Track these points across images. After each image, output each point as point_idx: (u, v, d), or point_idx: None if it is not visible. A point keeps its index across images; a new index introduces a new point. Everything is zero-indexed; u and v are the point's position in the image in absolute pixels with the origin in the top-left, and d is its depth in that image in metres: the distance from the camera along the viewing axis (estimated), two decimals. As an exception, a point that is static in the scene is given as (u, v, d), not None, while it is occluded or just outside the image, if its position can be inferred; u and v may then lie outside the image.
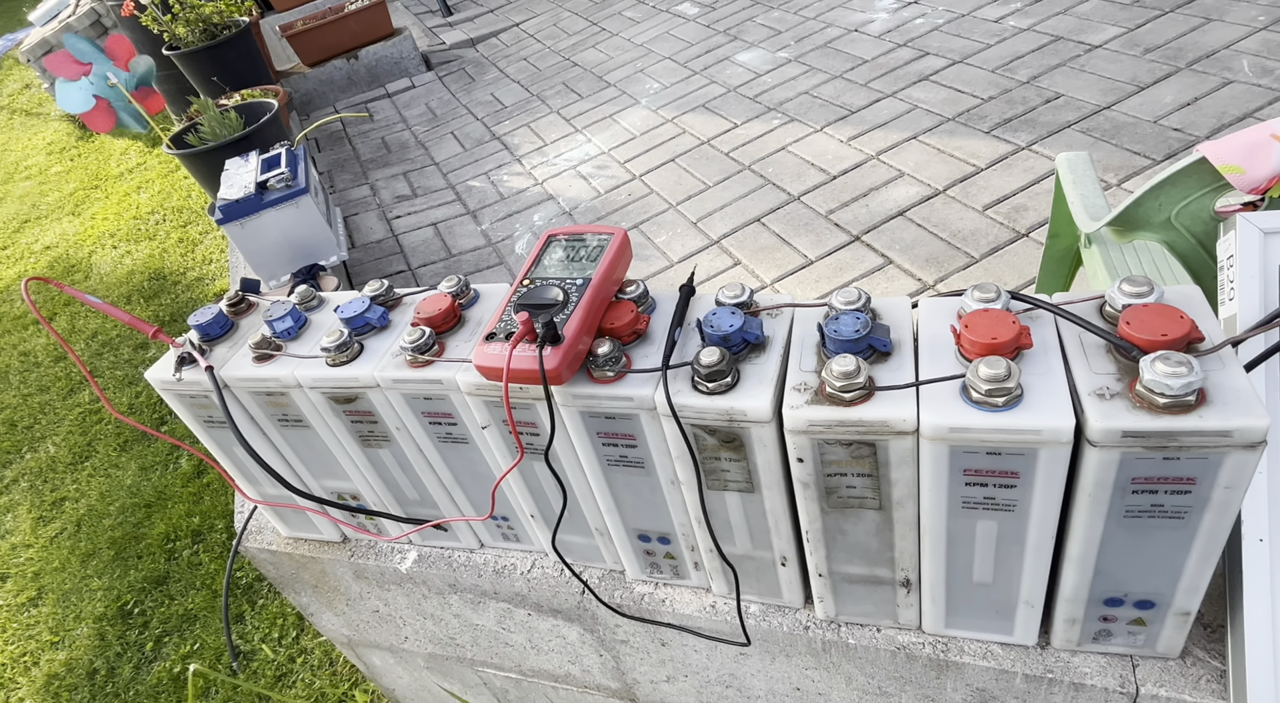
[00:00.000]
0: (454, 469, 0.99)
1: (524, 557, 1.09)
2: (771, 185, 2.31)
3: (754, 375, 0.74)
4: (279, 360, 0.94)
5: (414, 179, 3.21)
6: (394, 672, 1.51)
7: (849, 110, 2.57)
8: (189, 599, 2.49)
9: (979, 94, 2.42)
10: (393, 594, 1.22)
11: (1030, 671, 0.81)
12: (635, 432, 0.80)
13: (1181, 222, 0.82)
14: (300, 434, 1.01)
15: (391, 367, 0.88)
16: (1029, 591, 0.76)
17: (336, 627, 1.41)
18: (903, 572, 0.80)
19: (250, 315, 1.06)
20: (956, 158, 2.15)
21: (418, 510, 1.08)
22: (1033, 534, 0.70)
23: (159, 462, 2.99)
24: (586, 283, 0.79)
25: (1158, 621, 0.74)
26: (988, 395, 0.62)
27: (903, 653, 0.87)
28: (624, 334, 0.80)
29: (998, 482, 0.67)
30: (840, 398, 0.68)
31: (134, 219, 4.56)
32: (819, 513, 0.77)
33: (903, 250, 1.88)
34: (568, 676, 1.24)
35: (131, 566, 2.64)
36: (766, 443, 0.74)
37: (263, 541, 1.25)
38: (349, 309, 0.94)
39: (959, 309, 0.73)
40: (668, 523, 0.90)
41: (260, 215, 1.91)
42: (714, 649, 1.01)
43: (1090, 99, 2.21)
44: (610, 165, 2.80)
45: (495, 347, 0.75)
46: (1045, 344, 0.68)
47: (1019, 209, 1.90)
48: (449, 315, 0.91)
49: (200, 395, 0.99)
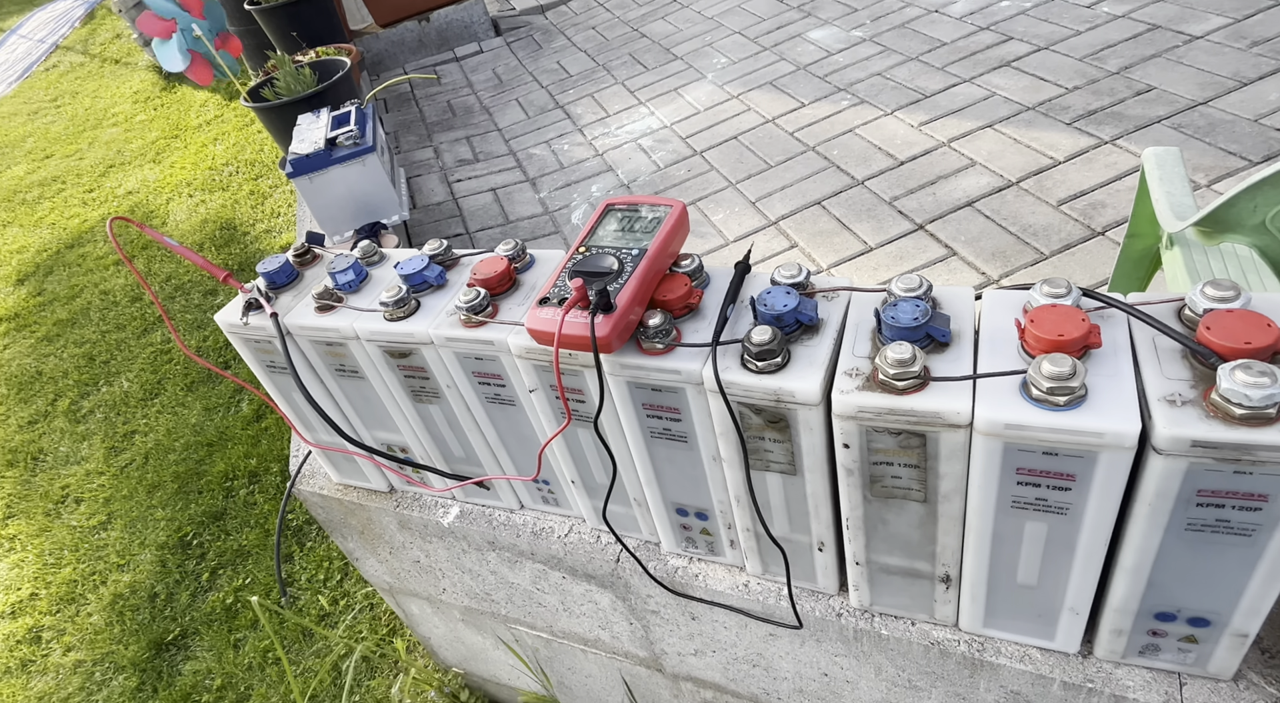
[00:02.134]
0: (500, 430, 1.00)
1: (561, 521, 1.11)
2: (835, 168, 2.26)
3: (805, 357, 0.73)
4: (339, 312, 0.97)
5: (477, 144, 3.24)
6: (431, 621, 1.56)
7: (923, 94, 2.49)
8: (243, 536, 2.62)
9: (1063, 83, 2.30)
10: (434, 546, 1.26)
11: (1069, 678, 0.79)
12: (680, 406, 0.80)
13: (1277, 225, 0.77)
14: (356, 385, 1.04)
15: (446, 325, 0.90)
16: (1075, 597, 0.74)
17: (379, 573, 1.46)
18: (943, 567, 0.79)
19: (315, 267, 1.10)
20: (1033, 149, 2.06)
21: (463, 468, 1.10)
22: (1084, 540, 0.68)
23: (222, 404, 3.12)
24: (642, 254, 0.79)
25: (1211, 640, 0.71)
26: (1049, 393, 0.60)
27: (936, 649, 0.86)
28: (676, 307, 0.80)
29: (1052, 483, 0.65)
30: (893, 385, 0.66)
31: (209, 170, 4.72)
32: (861, 501, 0.76)
33: (968, 242, 1.82)
34: (597, 640, 1.26)
35: (192, 500, 2.78)
36: (813, 426, 0.73)
37: (315, 484, 1.30)
38: (408, 266, 0.96)
39: (1025, 303, 0.70)
40: (706, 499, 0.90)
41: (328, 171, 1.96)
42: (743, 628, 1.02)
43: (1185, 93, 2.09)
44: (671, 140, 2.77)
45: (548, 311, 0.76)
46: (1115, 345, 0.65)
47: (1096, 206, 1.81)
48: (504, 278, 0.92)
49: (264, 341, 1.02)
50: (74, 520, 2.77)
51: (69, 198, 4.89)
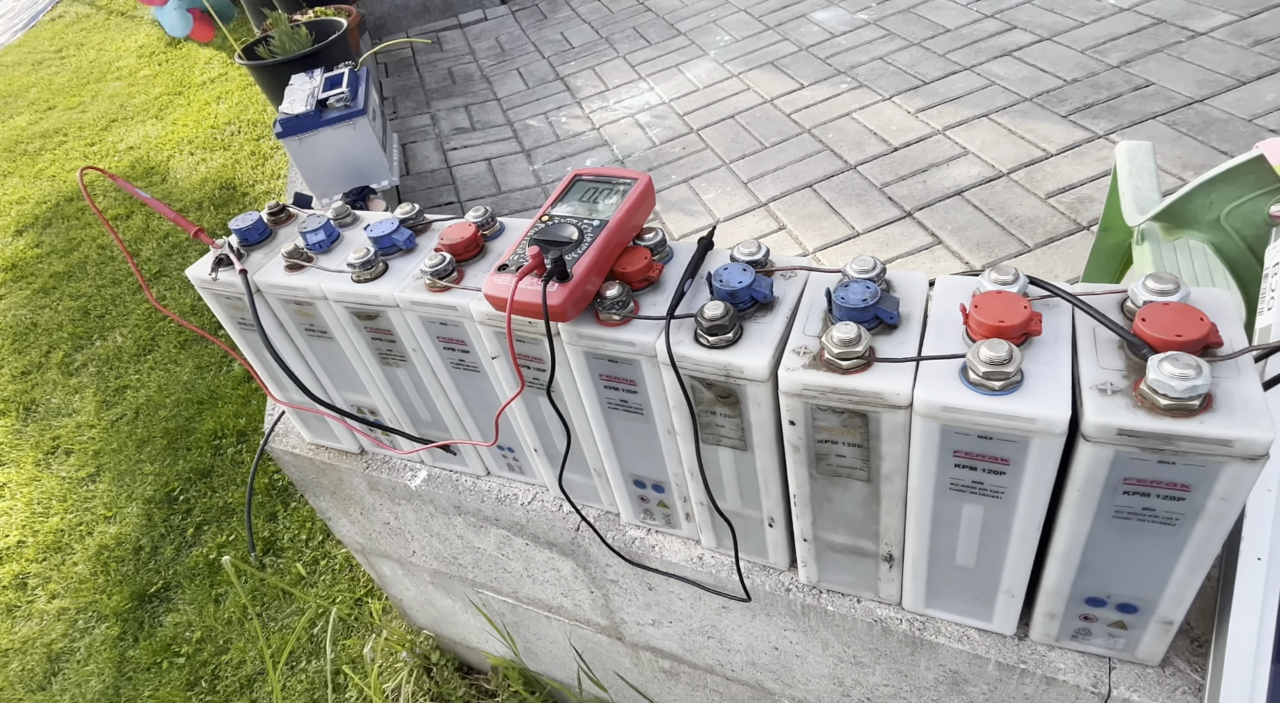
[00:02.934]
0: (465, 396, 1.02)
1: (526, 488, 1.13)
2: (829, 152, 2.25)
3: (757, 334, 0.74)
4: (308, 271, 0.98)
5: (474, 113, 3.22)
6: (402, 583, 1.59)
7: (922, 81, 2.47)
8: (229, 494, 2.64)
9: (1062, 75, 2.28)
10: (403, 509, 1.27)
11: (1004, 659, 0.81)
12: (636, 378, 0.81)
13: (1231, 223, 0.77)
14: (325, 345, 1.05)
15: (411, 288, 0.91)
16: (1010, 580, 0.75)
17: (351, 534, 1.48)
18: (886, 547, 0.80)
19: (288, 225, 1.10)
20: (1026, 140, 2.05)
21: (430, 431, 1.11)
22: (1018, 524, 0.69)
23: (214, 363, 3.13)
24: (603, 225, 0.79)
25: (1139, 626, 0.73)
26: (985, 378, 0.61)
27: (879, 626, 0.88)
28: (635, 280, 0.80)
29: (987, 467, 0.66)
30: (837, 365, 0.67)
31: (211, 128, 4.69)
32: (807, 478, 0.77)
33: (954, 231, 1.82)
34: (560, 607, 1.28)
35: (181, 456, 2.80)
36: (761, 403, 0.74)
37: (288, 443, 1.32)
38: (378, 229, 0.97)
39: (974, 289, 0.71)
40: (662, 471, 0.91)
41: (317, 133, 1.95)
42: (697, 600, 1.04)
43: (1182, 90, 2.07)
44: (669, 116, 2.75)
45: (504, 278, 0.76)
46: (1057, 333, 0.66)
47: (1084, 200, 1.81)
48: (471, 244, 0.92)
49: (235, 297, 1.03)
50: (63, 471, 2.80)
51: (70, 151, 4.87)
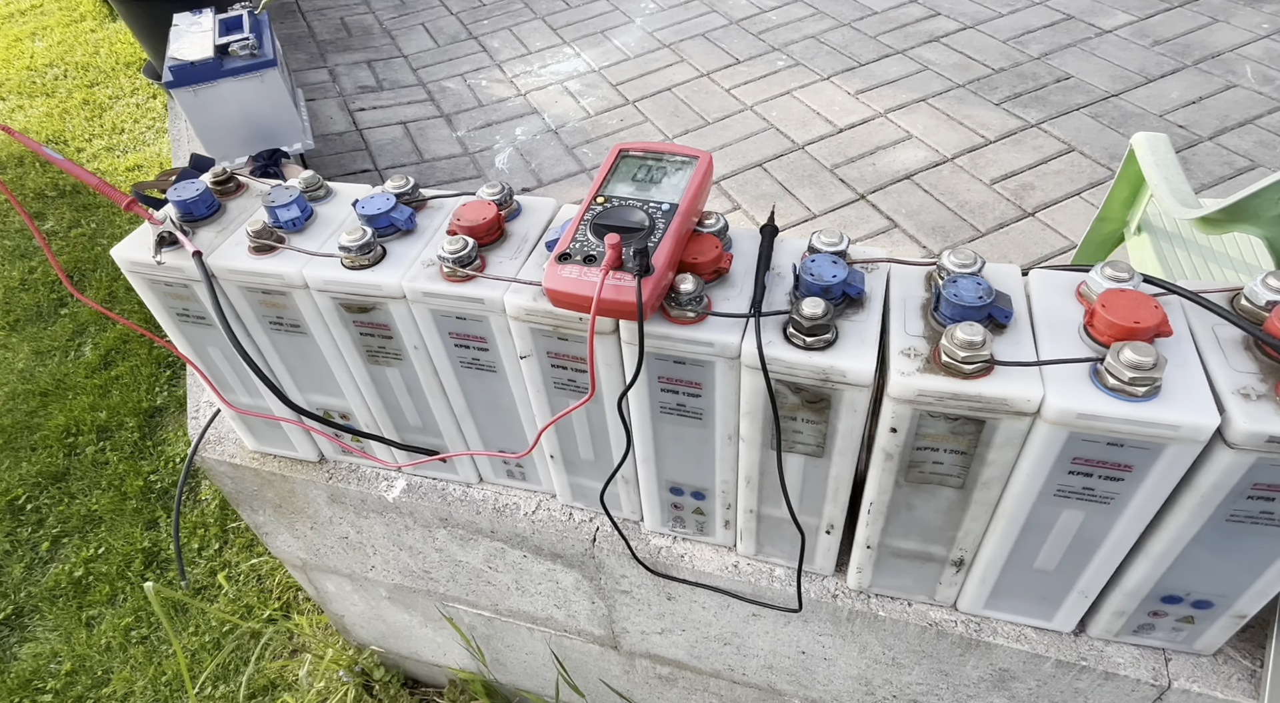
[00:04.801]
0: (471, 398, 0.89)
1: (528, 497, 1.02)
2: (775, 130, 2.21)
3: (854, 334, 0.67)
4: (283, 254, 0.81)
5: (379, 69, 2.93)
6: (349, 599, 1.42)
7: (857, 62, 2.48)
8: (93, 499, 2.30)
9: (990, 64, 2.36)
10: (370, 522, 1.12)
11: (1063, 657, 0.81)
12: (704, 380, 0.72)
13: (1294, 220, 0.80)
14: (294, 341, 0.89)
15: (424, 277, 0.77)
16: (1089, 582, 0.74)
17: (293, 550, 1.30)
18: (960, 552, 0.77)
19: (239, 198, 0.91)
20: (966, 126, 2.11)
21: (417, 438, 0.98)
22: (1119, 529, 0.67)
23: (57, 347, 2.70)
24: (674, 209, 0.69)
25: (1209, 620, 0.74)
26: (1129, 384, 0.58)
27: (933, 629, 0.85)
28: (706, 271, 0.72)
29: (1106, 473, 0.63)
30: (958, 369, 0.62)
31: (27, 69, 4.02)
32: (892, 486, 0.72)
33: (909, 215, 1.84)
34: (549, 619, 1.19)
35: (24, 457, 2.40)
36: (857, 409, 0.67)
37: (223, 451, 1.12)
38: (371, 205, 0.81)
39: (1079, 285, 0.68)
40: (709, 479, 0.84)
41: (217, 85, 1.68)
42: (724, 608, 0.97)
43: (1100, 84, 2.19)
44: (600, 85, 2.62)
45: (572, 270, 0.65)
46: (1177, 333, 0.63)
47: (1026, 187, 1.88)
48: (493, 227, 0.79)
49: (178, 284, 0.84)
50: None
51: None
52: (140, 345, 2.63)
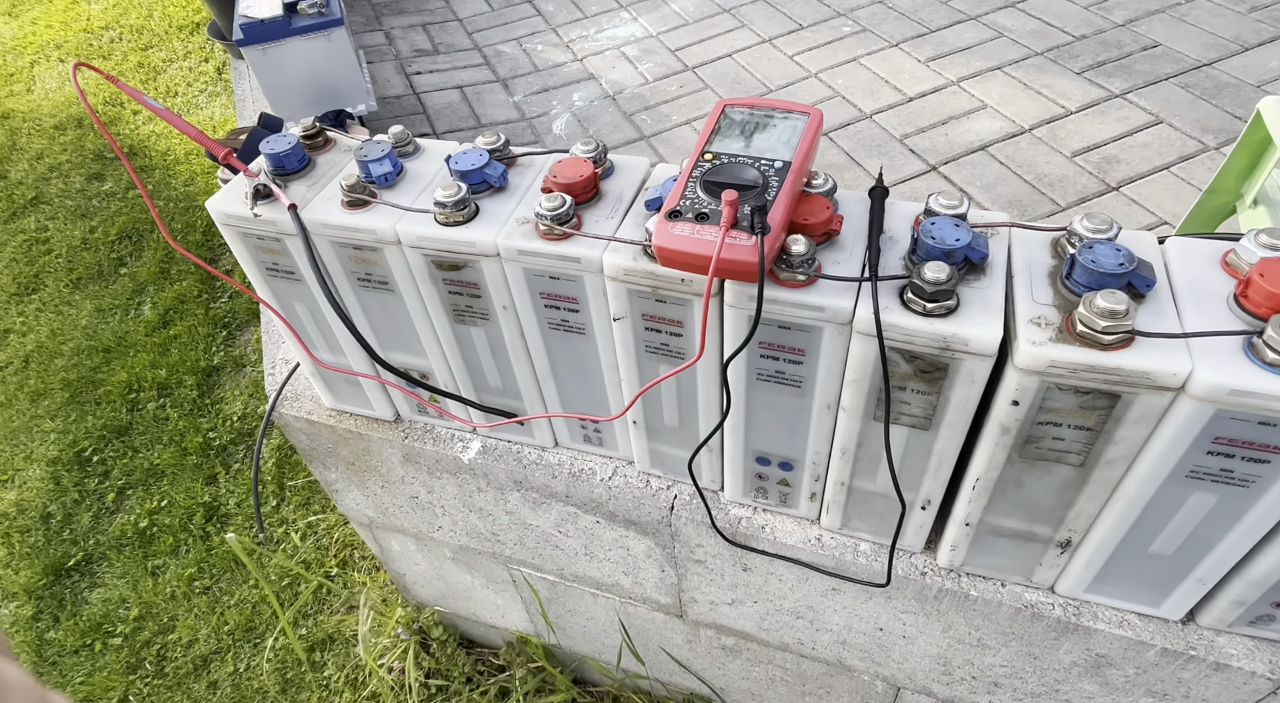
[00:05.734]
0: (555, 361, 0.87)
1: (604, 463, 1.01)
2: (841, 98, 2.14)
3: (976, 301, 0.64)
4: (375, 209, 0.80)
5: (434, 33, 2.90)
6: (412, 558, 1.44)
7: (927, 28, 2.38)
8: (154, 453, 2.36)
9: (1070, 31, 2.25)
10: (442, 483, 1.12)
11: (1171, 645, 0.77)
12: (808, 347, 0.70)
13: None
14: (380, 299, 0.88)
15: (519, 235, 0.75)
16: (1209, 569, 0.71)
17: (361, 507, 1.32)
18: (1068, 532, 0.74)
19: (328, 152, 0.91)
20: (1044, 96, 2.01)
21: (494, 399, 0.97)
22: (1254, 514, 0.64)
23: (119, 305, 2.76)
24: (786, 167, 0.66)
25: (1340, 615, 0.70)
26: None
27: (1028, 611, 0.82)
28: (817, 233, 0.69)
29: (1250, 454, 0.59)
30: (1097, 339, 0.58)
31: (84, 32, 4.08)
32: (1004, 462, 0.69)
33: (984, 188, 1.77)
34: (615, 585, 1.18)
35: (89, 411, 2.47)
36: (976, 379, 0.64)
37: (300, 408, 1.13)
38: (465, 161, 0.80)
39: (1226, 254, 0.63)
40: (800, 449, 0.81)
41: (286, 43, 1.67)
42: (803, 581, 0.96)
43: (1190, 53, 2.08)
44: (659, 51, 2.56)
45: (684, 228, 0.63)
46: (1337, 308, 0.59)
47: (1110, 160, 1.79)
48: (589, 184, 0.77)
49: (270, 238, 0.84)
50: (-65, 428, 2.43)
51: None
52: (197, 306, 2.68)
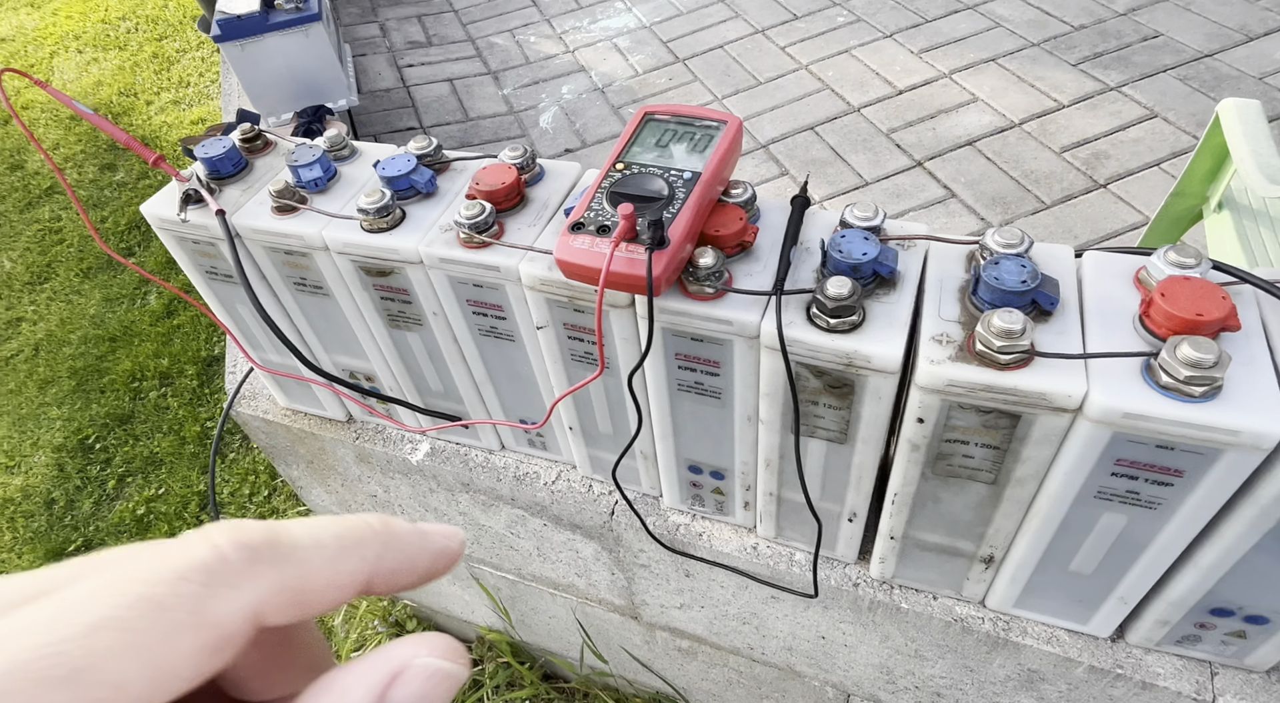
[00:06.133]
0: (490, 366, 0.88)
1: (549, 466, 1.01)
2: (830, 91, 2.11)
3: (883, 316, 0.62)
4: (304, 215, 0.80)
5: (429, 24, 2.90)
6: (381, 554, 1.45)
7: (923, 18, 2.34)
8: (154, 442, 2.41)
9: (1069, 20, 2.20)
10: (396, 483, 1.13)
11: (1098, 663, 0.76)
12: (722, 359, 0.69)
13: (1397, 202, 0.71)
14: (318, 303, 0.89)
15: (440, 243, 0.75)
16: (1129, 588, 0.69)
17: (327, 504, 1.33)
18: (989, 549, 0.73)
19: (266, 156, 0.91)
20: (1037, 89, 1.97)
21: (439, 403, 0.97)
22: (1164, 536, 0.62)
23: (125, 295, 2.81)
24: (695, 178, 0.65)
25: (1264, 637, 0.68)
26: (1185, 382, 0.52)
27: (959, 625, 0.81)
28: (728, 245, 0.68)
29: (1152, 477, 0.58)
30: (994, 359, 0.57)
31: (102, 23, 4.13)
32: (918, 478, 0.68)
33: (968, 185, 1.74)
34: (570, 586, 1.19)
35: (94, 400, 2.53)
36: (882, 396, 0.63)
37: (257, 407, 1.15)
38: (392, 167, 0.79)
39: (1139, 271, 0.62)
40: (728, 459, 0.81)
41: (263, 39, 1.68)
42: (743, 589, 0.95)
43: (1192, 43, 2.02)
44: (651, 42, 2.54)
45: (584, 240, 0.62)
46: (1248, 327, 0.57)
47: (1099, 156, 1.75)
48: (512, 192, 0.77)
49: (205, 242, 0.85)
50: (-51, 416, 2.49)
51: (-71, 42, 4.22)
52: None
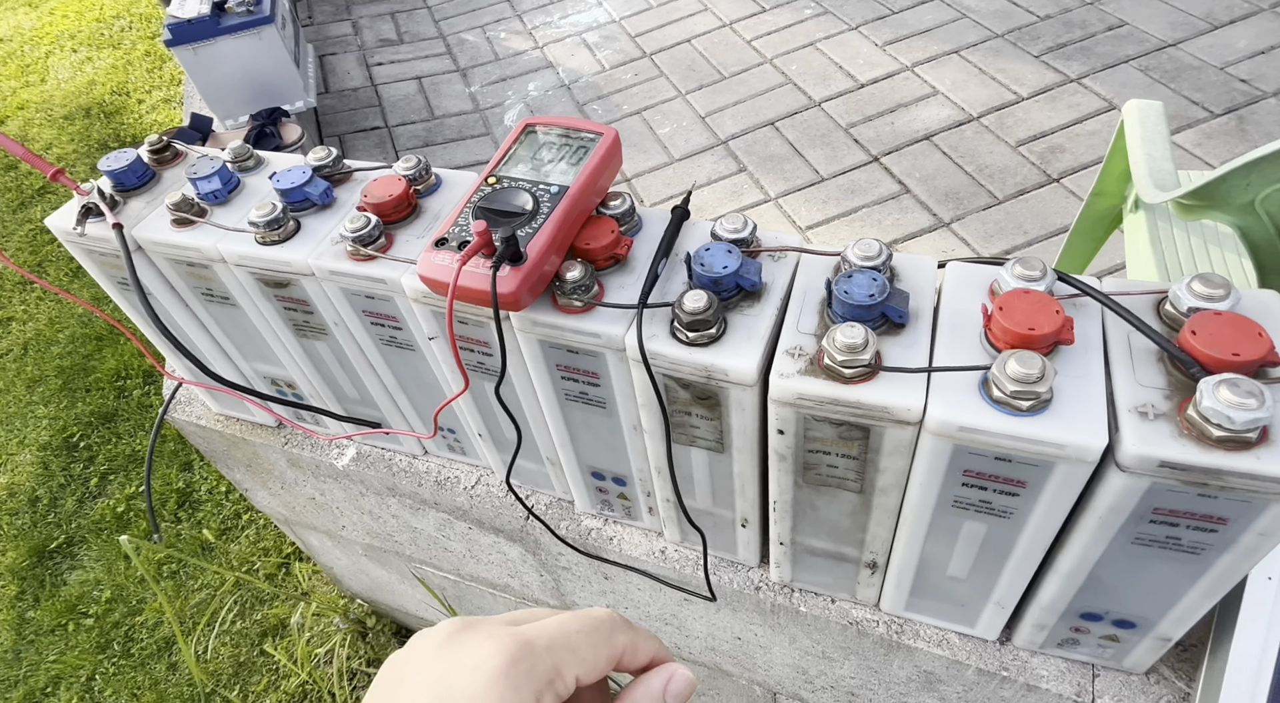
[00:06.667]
0: (398, 374, 0.89)
1: (469, 471, 1.02)
2: (793, 85, 2.10)
3: (744, 329, 0.63)
4: (201, 228, 0.81)
5: (402, 21, 2.90)
6: (332, 553, 1.48)
7: (889, 9, 2.32)
8: (136, 440, 2.44)
9: (1035, 10, 2.18)
10: (329, 487, 1.15)
11: (985, 665, 0.77)
12: (600, 371, 0.70)
13: (1267, 208, 0.71)
14: (228, 312, 0.90)
15: (329, 255, 0.76)
16: (1003, 593, 0.70)
17: (273, 506, 1.35)
18: (871, 555, 0.74)
19: (176, 166, 0.92)
20: (998, 81, 1.96)
21: (358, 409, 0.99)
22: (1023, 544, 0.63)
23: (114, 294, 2.84)
24: (562, 192, 0.66)
25: (1134, 640, 0.69)
26: (1012, 396, 0.53)
27: (855, 628, 0.82)
28: (600, 258, 0.68)
29: (999, 488, 0.59)
30: (839, 373, 0.58)
31: (96, 22, 4.15)
32: (791, 486, 0.69)
33: (922, 180, 1.73)
34: (507, 586, 1.20)
35: (79, 398, 2.56)
36: (746, 407, 0.64)
37: (191, 413, 1.16)
38: (286, 179, 0.80)
39: (993, 282, 0.62)
40: (625, 466, 0.82)
41: (215, 43, 1.69)
42: (658, 591, 0.97)
43: (1156, 32, 2.00)
44: (619, 37, 2.53)
45: (444, 256, 0.63)
46: (1087, 340, 0.57)
47: (1055, 150, 1.74)
48: (401, 203, 0.77)
49: (110, 254, 0.86)
50: (-60, 416, 2.53)
51: (-76, 45, 4.25)
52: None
